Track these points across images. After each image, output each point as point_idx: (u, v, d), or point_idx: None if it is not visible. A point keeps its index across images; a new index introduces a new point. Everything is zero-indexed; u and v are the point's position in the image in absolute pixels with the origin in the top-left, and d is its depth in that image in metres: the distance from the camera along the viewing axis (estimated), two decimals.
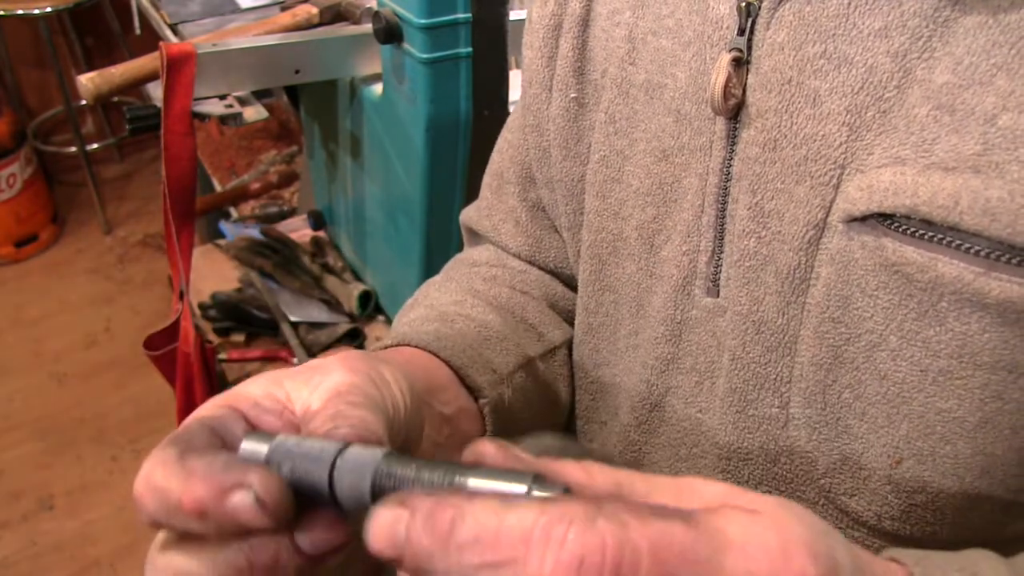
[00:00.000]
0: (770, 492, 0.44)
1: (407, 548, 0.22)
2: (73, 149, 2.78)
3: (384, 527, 0.23)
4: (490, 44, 0.92)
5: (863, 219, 0.35)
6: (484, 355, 0.50)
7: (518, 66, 1.47)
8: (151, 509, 0.27)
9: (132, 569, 1.79)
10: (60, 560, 1.79)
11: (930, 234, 0.33)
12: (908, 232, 0.34)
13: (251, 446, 0.28)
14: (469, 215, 0.67)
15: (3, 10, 2.36)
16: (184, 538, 0.28)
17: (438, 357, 0.47)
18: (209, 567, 0.27)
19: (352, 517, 0.27)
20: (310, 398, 0.31)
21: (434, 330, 0.50)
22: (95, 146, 2.98)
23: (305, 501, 0.27)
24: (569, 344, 0.58)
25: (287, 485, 0.27)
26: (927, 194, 0.32)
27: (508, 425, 0.49)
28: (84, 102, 2.72)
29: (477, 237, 0.67)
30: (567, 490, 0.24)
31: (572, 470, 0.25)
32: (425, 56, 0.89)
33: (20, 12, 2.36)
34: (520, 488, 0.24)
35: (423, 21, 0.87)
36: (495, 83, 0.95)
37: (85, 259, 2.72)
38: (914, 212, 0.33)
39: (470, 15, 0.89)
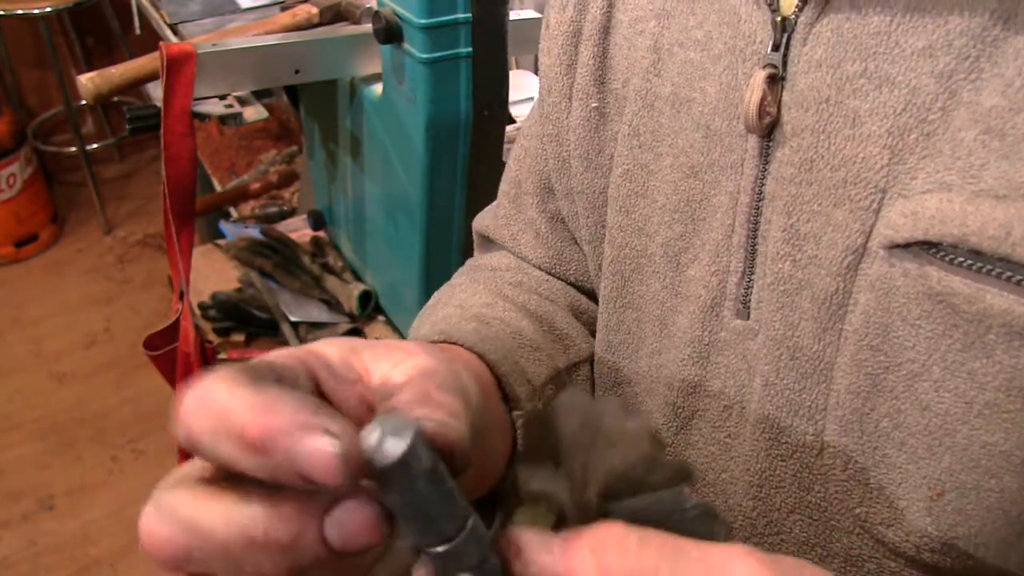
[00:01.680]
0: (802, 520, 0.43)
1: None
2: (73, 149, 2.78)
3: None
4: (490, 44, 0.92)
5: (906, 246, 0.34)
6: (520, 364, 0.48)
7: (518, 66, 1.48)
8: (199, 427, 0.24)
9: (132, 569, 1.79)
10: (60, 560, 1.79)
11: (979, 264, 0.32)
12: (955, 262, 0.32)
13: (376, 434, 0.23)
14: (485, 223, 0.65)
15: (3, 10, 2.36)
16: (201, 482, 0.25)
17: (483, 359, 0.44)
18: (219, 521, 0.23)
19: (397, 528, 0.24)
20: (391, 371, 0.28)
21: (474, 330, 0.47)
22: (95, 146, 2.98)
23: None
24: (591, 358, 0.56)
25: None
26: (977, 223, 0.31)
27: (534, 438, 0.47)
28: (84, 102, 2.72)
29: (491, 244, 0.65)
30: None
31: (587, 570, 0.24)
32: (425, 56, 0.89)
33: (20, 12, 2.36)
34: None
35: (423, 21, 0.87)
36: (495, 83, 0.95)
37: (85, 259, 2.72)
38: (962, 242, 0.32)
39: (470, 15, 0.89)
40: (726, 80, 0.41)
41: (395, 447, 0.22)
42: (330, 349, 0.29)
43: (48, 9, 2.39)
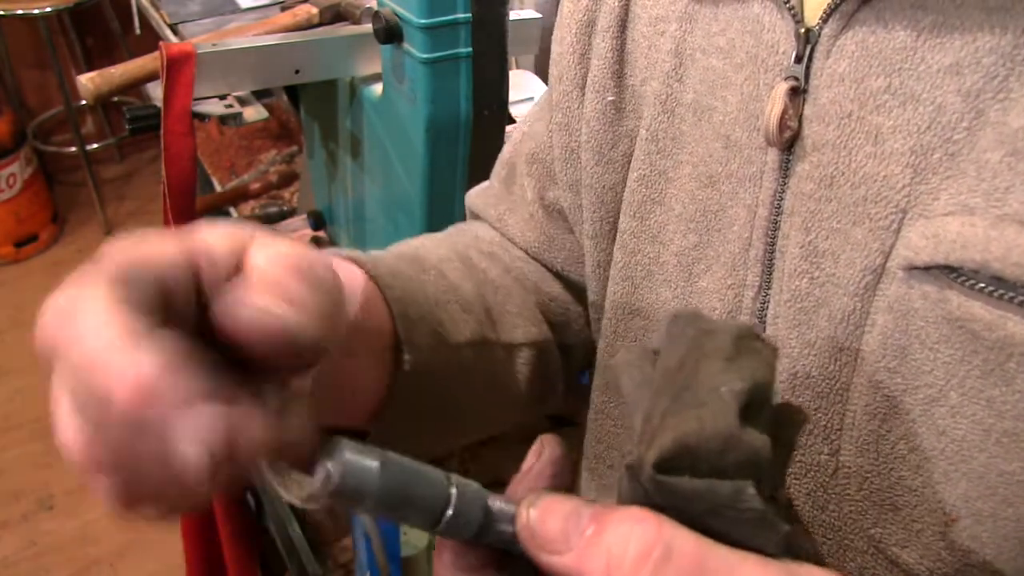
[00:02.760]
0: (817, 539, 0.42)
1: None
2: (73, 149, 2.78)
3: None
4: (490, 44, 0.92)
5: (926, 269, 0.33)
6: (434, 313, 0.46)
7: (518, 66, 1.47)
8: (59, 353, 0.22)
9: (132, 569, 1.79)
10: (60, 560, 1.80)
11: (1000, 291, 0.31)
12: (976, 287, 0.32)
13: (357, 457, 0.25)
14: (475, 200, 0.65)
15: (3, 10, 2.36)
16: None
17: (377, 285, 0.43)
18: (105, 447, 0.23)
19: None
20: (263, 259, 0.26)
21: (394, 265, 0.46)
22: (95, 146, 2.98)
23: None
24: (539, 346, 0.55)
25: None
26: (1000, 250, 0.30)
27: (433, 394, 0.46)
28: (84, 102, 2.72)
29: (481, 221, 0.65)
30: None
31: None
32: (425, 56, 0.89)
33: (20, 12, 2.36)
34: None
35: (423, 21, 0.87)
36: (495, 83, 0.95)
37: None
38: (984, 268, 0.31)
39: (470, 15, 0.89)
40: (747, 90, 0.40)
41: (337, 480, 0.24)
42: (217, 240, 0.27)
43: (48, 9, 2.39)
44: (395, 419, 0.44)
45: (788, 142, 0.38)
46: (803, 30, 0.37)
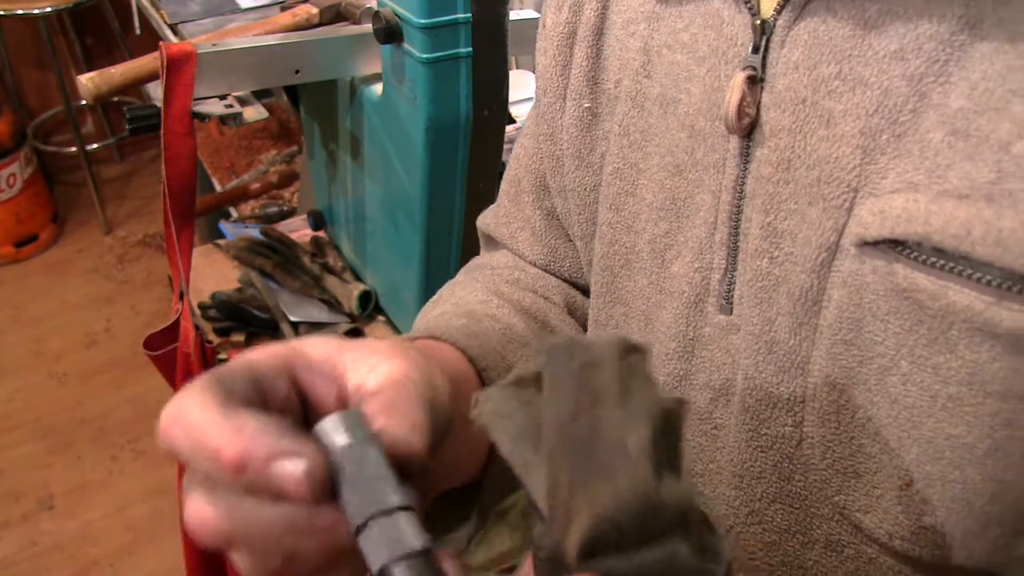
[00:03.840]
0: (783, 509, 0.44)
1: None
2: (73, 149, 2.78)
3: None
4: (490, 44, 0.92)
5: (875, 244, 0.35)
6: (507, 359, 0.49)
7: (518, 66, 1.47)
8: (178, 445, 0.28)
9: (132, 569, 1.79)
10: (60, 560, 1.80)
11: (941, 262, 0.33)
12: (920, 259, 0.33)
13: (330, 428, 0.28)
14: (486, 221, 0.66)
15: (3, 10, 2.36)
16: (209, 481, 0.28)
17: (465, 355, 0.47)
18: (226, 516, 0.27)
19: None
20: (367, 376, 0.31)
21: (463, 326, 0.50)
22: (95, 146, 2.98)
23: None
24: None
25: (329, 475, 0.27)
26: (939, 222, 0.32)
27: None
28: (84, 102, 2.72)
29: (494, 243, 0.66)
30: None
31: None
32: (425, 56, 0.89)
33: (20, 12, 2.36)
34: None
35: (423, 21, 0.87)
36: (495, 83, 0.95)
37: (85, 259, 2.72)
38: (926, 240, 0.33)
39: (470, 15, 0.89)
40: (709, 82, 0.42)
41: (340, 437, 0.27)
42: (314, 348, 0.32)
43: (48, 9, 2.39)
44: (500, 467, 0.46)
45: (747, 129, 0.40)
46: (759, 22, 0.39)
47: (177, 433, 0.28)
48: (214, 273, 1.37)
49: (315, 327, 1.26)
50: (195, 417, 0.27)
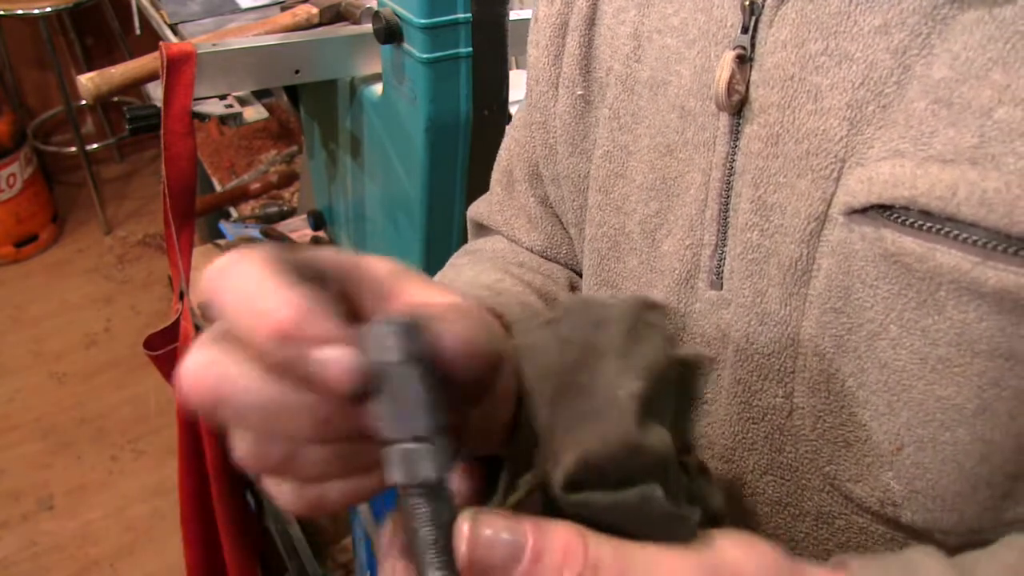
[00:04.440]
0: (775, 481, 0.45)
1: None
2: (73, 149, 2.79)
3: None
4: (490, 44, 0.92)
5: (863, 211, 0.36)
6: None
7: (518, 66, 1.47)
8: (220, 297, 0.25)
9: (132, 569, 1.79)
10: (60, 560, 1.80)
11: (928, 224, 0.33)
12: (907, 223, 0.34)
13: (383, 334, 0.25)
14: (479, 210, 0.67)
15: (3, 10, 2.36)
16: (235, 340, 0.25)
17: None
18: (222, 375, 0.25)
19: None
20: (428, 297, 0.29)
21: (484, 297, 0.48)
22: (95, 146, 2.98)
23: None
24: None
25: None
26: (925, 185, 0.33)
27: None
28: (84, 102, 2.72)
29: (485, 230, 0.67)
30: None
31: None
32: (425, 56, 0.89)
33: (20, 12, 2.36)
34: None
35: (423, 21, 0.87)
36: (495, 83, 0.95)
37: (85, 259, 2.72)
38: (912, 203, 0.33)
39: (470, 15, 0.89)
40: (700, 63, 0.43)
41: (392, 344, 0.25)
42: (380, 267, 0.29)
43: (48, 9, 2.39)
44: (523, 437, 0.45)
45: (737, 106, 0.41)
46: (748, 3, 0.40)
47: (223, 284, 0.25)
48: None
49: None
50: (251, 274, 0.24)
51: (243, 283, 0.24)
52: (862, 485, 0.41)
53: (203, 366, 0.25)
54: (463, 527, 0.25)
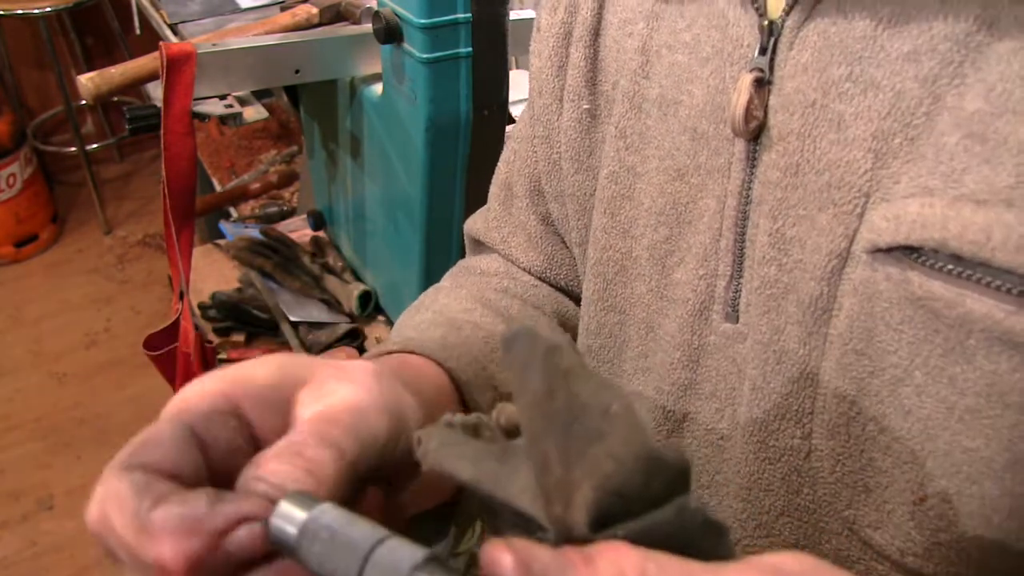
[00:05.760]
0: (792, 523, 0.43)
1: None
2: (73, 149, 2.78)
3: None
4: (490, 44, 0.92)
5: (888, 250, 0.34)
6: (488, 369, 0.48)
7: (518, 66, 1.47)
8: (109, 546, 0.27)
9: None
10: (60, 560, 1.80)
11: (959, 269, 0.32)
12: (935, 266, 0.32)
13: (287, 513, 0.26)
14: (476, 226, 0.65)
15: (3, 10, 2.36)
16: None
17: (442, 367, 0.46)
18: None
19: None
20: (308, 409, 0.30)
21: (440, 337, 0.49)
22: (95, 146, 2.98)
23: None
24: None
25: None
26: (957, 228, 0.31)
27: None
28: (84, 102, 2.72)
29: (482, 247, 0.65)
30: None
31: None
32: (425, 56, 0.89)
33: (20, 12, 2.36)
34: None
35: (423, 21, 0.87)
36: (495, 83, 0.95)
37: (85, 259, 2.72)
38: (943, 246, 0.32)
39: (470, 15, 0.89)
40: (713, 83, 0.41)
41: (289, 522, 0.26)
42: (263, 373, 0.30)
43: (48, 9, 2.39)
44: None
45: (754, 132, 0.39)
46: (767, 23, 0.38)
47: (105, 535, 0.26)
48: (214, 273, 1.37)
49: (315, 327, 1.26)
50: (114, 515, 0.26)
51: (112, 531, 0.26)
52: (882, 532, 0.39)
53: None
54: (500, 552, 0.22)
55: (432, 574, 0.24)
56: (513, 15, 0.94)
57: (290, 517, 0.26)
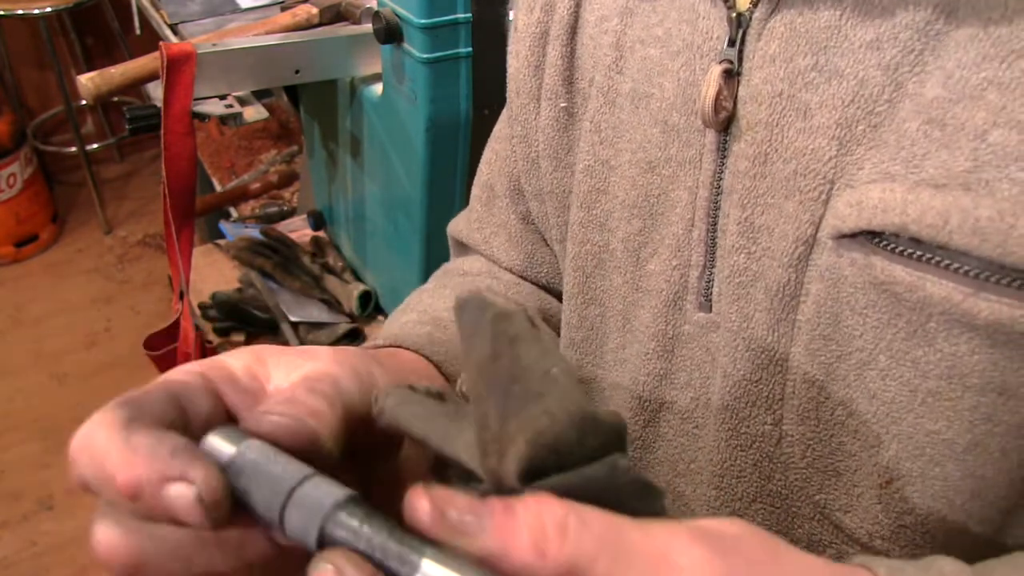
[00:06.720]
0: (764, 509, 0.44)
1: None
2: (73, 149, 2.78)
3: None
4: (490, 44, 0.92)
5: (852, 236, 0.34)
6: None
7: None
8: (83, 472, 0.27)
9: None
10: (60, 560, 1.80)
11: (919, 253, 0.32)
12: (897, 250, 0.33)
13: (216, 444, 0.27)
14: (459, 227, 0.66)
15: (3, 10, 2.36)
16: (117, 507, 0.27)
17: (430, 361, 0.47)
18: (135, 543, 0.26)
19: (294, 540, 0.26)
20: (283, 380, 0.31)
21: (427, 333, 0.49)
22: (95, 146, 2.98)
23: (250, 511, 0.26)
24: None
25: (229, 493, 0.26)
26: (916, 212, 0.32)
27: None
28: (84, 102, 2.72)
29: (465, 249, 0.66)
30: None
31: (524, 553, 0.22)
32: (425, 56, 0.89)
33: (20, 12, 2.36)
34: None
35: (423, 21, 0.87)
36: (495, 83, 0.95)
37: (85, 259, 2.72)
38: (903, 230, 0.32)
39: (470, 15, 0.89)
40: (684, 76, 0.42)
41: (226, 449, 0.27)
42: (235, 360, 0.31)
43: (48, 9, 2.39)
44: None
45: (724, 123, 0.39)
46: (735, 15, 0.38)
47: (81, 458, 0.27)
48: (214, 273, 1.37)
49: (315, 327, 1.26)
50: (98, 440, 0.26)
51: (94, 452, 0.26)
52: (851, 516, 0.40)
53: (115, 537, 0.26)
54: (418, 497, 0.23)
55: (353, 513, 0.24)
56: (513, 15, 0.94)
57: (218, 450, 0.27)
